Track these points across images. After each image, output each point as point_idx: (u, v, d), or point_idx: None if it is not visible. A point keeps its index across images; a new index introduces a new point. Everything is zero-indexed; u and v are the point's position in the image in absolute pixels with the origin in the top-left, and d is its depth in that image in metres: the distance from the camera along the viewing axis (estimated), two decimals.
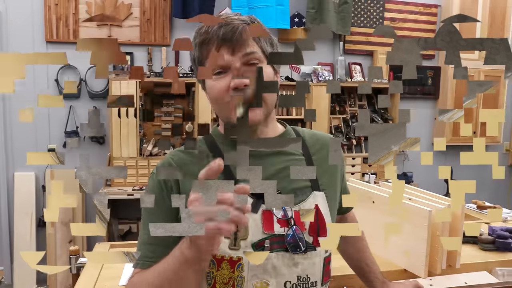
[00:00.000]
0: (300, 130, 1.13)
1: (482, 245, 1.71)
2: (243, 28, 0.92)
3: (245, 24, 0.93)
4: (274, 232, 0.94)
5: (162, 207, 0.97)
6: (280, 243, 0.94)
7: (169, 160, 1.02)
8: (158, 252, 0.95)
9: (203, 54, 0.96)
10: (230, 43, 0.92)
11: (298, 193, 0.99)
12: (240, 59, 0.93)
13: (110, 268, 1.53)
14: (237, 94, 0.93)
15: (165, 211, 0.96)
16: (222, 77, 0.94)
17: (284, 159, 1.02)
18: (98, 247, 1.77)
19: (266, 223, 0.94)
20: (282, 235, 0.94)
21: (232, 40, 0.91)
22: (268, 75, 0.97)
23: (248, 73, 0.93)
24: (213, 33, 0.93)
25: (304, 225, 0.97)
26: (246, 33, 0.93)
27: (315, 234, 0.98)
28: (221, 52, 0.93)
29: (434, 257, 1.43)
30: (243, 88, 0.92)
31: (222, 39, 0.92)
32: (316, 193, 1.01)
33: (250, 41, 0.94)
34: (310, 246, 0.97)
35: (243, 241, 0.92)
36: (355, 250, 1.28)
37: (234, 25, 0.92)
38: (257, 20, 0.98)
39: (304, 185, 1.01)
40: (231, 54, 0.92)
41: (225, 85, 0.93)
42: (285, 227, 0.95)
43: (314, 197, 1.00)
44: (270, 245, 0.93)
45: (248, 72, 0.93)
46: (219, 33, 0.92)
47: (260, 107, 0.94)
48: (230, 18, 0.94)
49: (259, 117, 0.95)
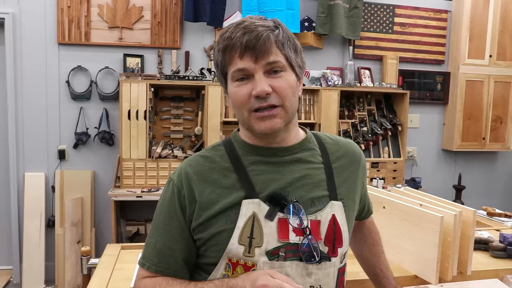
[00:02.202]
0: (322, 136, 1.12)
1: (493, 252, 1.70)
2: (267, 35, 0.92)
3: (269, 31, 0.93)
4: (289, 240, 0.94)
5: (174, 218, 0.99)
6: (294, 252, 0.93)
7: (186, 168, 1.02)
8: (165, 260, 0.99)
9: (226, 59, 0.96)
10: (253, 51, 0.91)
11: (316, 202, 0.99)
12: (262, 68, 0.93)
13: (122, 269, 1.54)
14: (258, 102, 0.93)
15: (177, 222, 0.99)
16: (245, 84, 0.94)
17: (303, 167, 1.01)
18: (109, 248, 1.78)
19: (282, 231, 0.94)
20: (297, 244, 0.94)
21: (255, 48, 0.91)
22: (291, 83, 0.96)
23: (270, 81, 0.93)
24: (236, 39, 0.92)
25: (320, 234, 0.96)
26: (269, 41, 0.92)
27: (331, 244, 0.97)
28: (244, 59, 0.93)
29: (445, 264, 1.43)
30: (265, 96, 0.92)
31: (245, 46, 0.92)
32: (333, 202, 1.00)
33: (274, 49, 0.93)
34: (325, 256, 0.96)
35: (258, 248, 0.92)
36: (371, 254, 1.28)
37: (258, 32, 0.92)
38: (281, 25, 0.98)
39: (322, 194, 1.00)
40: (254, 62, 0.92)
41: (247, 93, 0.93)
42: (301, 236, 0.94)
43: (332, 207, 0.99)
44: (284, 253, 0.93)
45: (270, 80, 0.93)
46: (242, 40, 0.91)
47: (281, 116, 0.95)
48: (254, 24, 0.93)
49: (278, 126, 0.95)
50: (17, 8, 3.42)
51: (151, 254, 1.01)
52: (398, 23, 4.09)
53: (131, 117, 3.33)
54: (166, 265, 0.99)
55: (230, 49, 0.94)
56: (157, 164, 3.43)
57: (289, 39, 0.97)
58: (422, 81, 4.19)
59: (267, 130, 0.95)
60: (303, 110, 3.75)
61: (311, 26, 3.85)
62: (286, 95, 0.94)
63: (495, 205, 3.76)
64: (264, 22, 0.95)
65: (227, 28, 0.96)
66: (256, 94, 0.92)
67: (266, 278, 0.83)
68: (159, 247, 1.00)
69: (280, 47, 0.94)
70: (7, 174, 3.57)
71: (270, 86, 0.92)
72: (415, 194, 1.66)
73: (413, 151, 4.24)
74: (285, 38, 0.96)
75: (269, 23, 0.96)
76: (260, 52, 0.91)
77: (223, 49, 0.95)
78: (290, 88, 0.95)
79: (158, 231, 1.01)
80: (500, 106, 4.21)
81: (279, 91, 0.93)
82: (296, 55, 0.98)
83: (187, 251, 1.00)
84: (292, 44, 0.98)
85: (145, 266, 1.00)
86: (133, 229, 3.58)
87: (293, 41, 0.99)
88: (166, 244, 0.99)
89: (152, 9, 3.59)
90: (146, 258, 1.01)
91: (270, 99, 0.93)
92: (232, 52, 0.93)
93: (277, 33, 0.95)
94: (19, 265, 3.56)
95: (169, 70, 3.62)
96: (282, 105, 0.94)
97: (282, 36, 0.95)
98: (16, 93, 3.47)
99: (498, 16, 4.08)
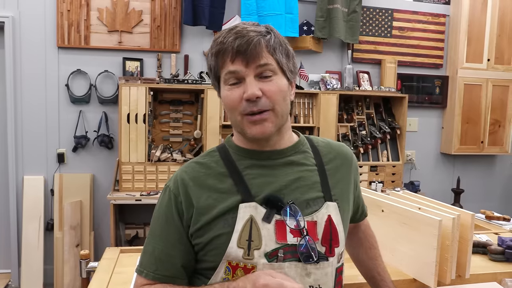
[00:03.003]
0: (314, 139, 1.13)
1: (491, 256, 1.70)
2: (258, 40, 0.94)
3: (260, 36, 0.95)
4: (287, 242, 0.95)
5: (171, 224, 0.99)
6: (293, 253, 0.95)
7: (182, 175, 1.03)
8: (163, 267, 0.99)
9: (218, 63, 0.98)
10: (244, 55, 0.93)
11: (311, 204, 1.00)
12: (253, 71, 0.94)
13: (121, 273, 1.54)
14: (249, 106, 0.94)
15: (174, 227, 1.00)
16: (236, 87, 0.96)
17: (296, 170, 1.03)
18: (108, 252, 1.78)
19: (279, 233, 0.95)
20: (295, 245, 0.95)
21: (246, 52, 0.93)
22: (282, 87, 0.97)
23: (261, 85, 0.95)
24: (228, 44, 0.94)
25: (317, 235, 0.98)
26: (260, 45, 0.94)
27: (328, 244, 0.98)
28: (235, 63, 0.94)
29: (443, 267, 1.43)
30: (255, 100, 0.93)
31: (237, 51, 0.93)
32: (329, 203, 1.02)
33: (265, 53, 0.95)
34: (323, 256, 0.97)
35: (257, 250, 0.93)
36: (368, 257, 1.29)
37: (250, 37, 0.93)
38: (273, 31, 1.00)
39: (317, 195, 1.02)
40: (245, 66, 0.94)
41: (238, 96, 0.95)
42: (298, 237, 0.95)
43: (327, 208, 1.01)
44: (283, 254, 0.94)
45: (261, 84, 0.95)
46: (234, 44, 0.93)
47: (271, 120, 0.96)
48: (246, 29, 0.95)
49: (269, 130, 0.96)
50: (17, 11, 3.43)
51: (149, 261, 1.00)
52: (396, 27, 4.11)
53: (130, 121, 3.34)
54: (164, 272, 0.99)
55: (223, 53, 0.95)
56: (156, 168, 3.43)
57: (281, 44, 0.99)
58: (420, 85, 4.20)
59: (259, 134, 0.96)
60: (302, 113, 3.76)
61: (310, 30, 3.86)
62: (276, 99, 0.96)
63: (494, 209, 3.77)
64: (256, 28, 0.97)
65: (220, 33, 0.98)
66: (247, 97, 0.93)
67: (266, 278, 0.84)
68: (157, 254, 1.00)
69: (271, 52, 0.96)
70: (6, 177, 3.57)
71: (260, 90, 0.94)
72: (413, 198, 1.66)
73: (412, 155, 4.25)
74: (276, 43, 0.97)
75: (261, 28, 0.98)
76: (251, 56, 0.93)
77: (216, 53, 0.97)
78: (281, 92, 0.97)
79: (156, 238, 1.01)
80: (498, 109, 4.22)
81: (269, 95, 0.95)
82: (288, 59, 1.00)
83: (185, 256, 1.00)
84: (284, 49, 0.99)
85: (143, 274, 1.00)
86: (132, 233, 3.57)
87: (285, 46, 1.00)
88: (164, 250, 1.00)
89: (152, 13, 3.60)
90: (144, 266, 1.01)
91: (260, 103, 0.94)
92: (224, 56, 0.95)
93: (268, 38, 0.96)
94: (18, 269, 3.55)
95: (168, 74, 3.63)
96: (273, 109, 0.96)
97: (274, 41, 0.97)
98: (15, 96, 3.47)
99: (496, 20, 4.11)
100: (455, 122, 4.14)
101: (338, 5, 3.74)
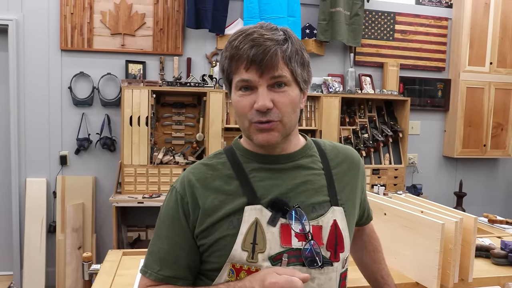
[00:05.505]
0: (321, 142, 1.13)
1: (494, 260, 1.70)
2: (275, 50, 0.92)
3: (277, 46, 0.92)
4: (291, 246, 0.94)
5: (177, 224, 0.99)
6: (297, 257, 0.94)
7: (188, 176, 1.02)
8: (167, 268, 0.99)
9: (232, 68, 0.96)
10: (259, 65, 0.91)
11: (317, 208, 1.00)
12: (267, 81, 0.93)
13: (124, 275, 1.54)
14: (258, 115, 0.93)
15: (180, 228, 1.00)
16: (248, 95, 0.95)
17: (304, 174, 1.02)
18: (111, 254, 1.78)
19: (284, 237, 0.95)
20: (300, 249, 0.95)
21: (261, 63, 0.91)
22: (293, 99, 0.96)
23: (273, 96, 0.94)
24: (244, 51, 0.92)
25: (322, 240, 0.97)
26: (277, 56, 0.92)
27: (333, 249, 0.98)
28: (249, 72, 0.93)
29: (446, 271, 1.43)
30: (265, 111, 0.93)
31: (252, 60, 0.91)
32: (334, 208, 1.01)
33: (280, 64, 0.93)
34: (327, 261, 0.97)
35: (261, 254, 0.93)
36: (372, 261, 1.29)
37: (266, 47, 0.91)
38: (291, 37, 0.97)
39: (323, 200, 1.01)
40: (258, 76, 0.92)
41: (249, 104, 0.94)
42: (303, 241, 0.95)
43: (333, 212, 1.00)
44: (287, 258, 0.93)
45: (273, 95, 0.94)
46: (250, 53, 0.91)
47: (278, 130, 0.96)
48: (264, 37, 0.92)
49: (275, 139, 0.96)
50: (20, 14, 3.45)
51: (154, 262, 1.00)
52: (399, 30, 4.11)
53: (133, 123, 3.35)
54: (168, 272, 0.99)
55: (237, 59, 0.93)
56: (158, 170, 3.43)
57: (297, 53, 0.96)
58: (423, 88, 4.20)
59: (264, 142, 0.96)
60: (304, 116, 3.77)
61: (312, 33, 3.87)
62: (286, 111, 0.95)
63: (497, 212, 3.76)
64: (273, 35, 0.94)
65: (236, 36, 0.95)
66: (258, 108, 0.92)
67: (273, 276, 0.85)
68: (162, 255, 1.00)
69: (287, 62, 0.94)
70: (8, 179, 3.58)
71: (272, 101, 0.93)
72: (416, 201, 1.66)
73: (414, 158, 4.25)
74: (293, 52, 0.95)
75: (279, 35, 0.94)
76: (266, 67, 0.91)
77: (230, 57, 0.95)
78: (291, 104, 0.95)
79: (161, 238, 1.01)
80: (500, 113, 4.22)
81: (280, 107, 0.94)
82: (303, 69, 0.98)
83: (190, 257, 1.00)
84: (300, 58, 0.97)
85: (147, 274, 1.00)
86: (134, 235, 3.58)
87: (301, 53, 0.98)
88: (169, 251, 1.00)
89: (154, 16, 3.62)
90: (148, 266, 1.01)
91: (270, 114, 0.93)
92: (239, 62, 0.93)
93: (285, 48, 0.93)
94: (20, 271, 3.56)
95: (171, 77, 3.64)
96: (281, 120, 0.95)
97: (291, 50, 0.94)
98: (18, 98, 3.48)
99: (498, 23, 4.10)
100: (458, 125, 4.13)
101: (340, 8, 3.74)
